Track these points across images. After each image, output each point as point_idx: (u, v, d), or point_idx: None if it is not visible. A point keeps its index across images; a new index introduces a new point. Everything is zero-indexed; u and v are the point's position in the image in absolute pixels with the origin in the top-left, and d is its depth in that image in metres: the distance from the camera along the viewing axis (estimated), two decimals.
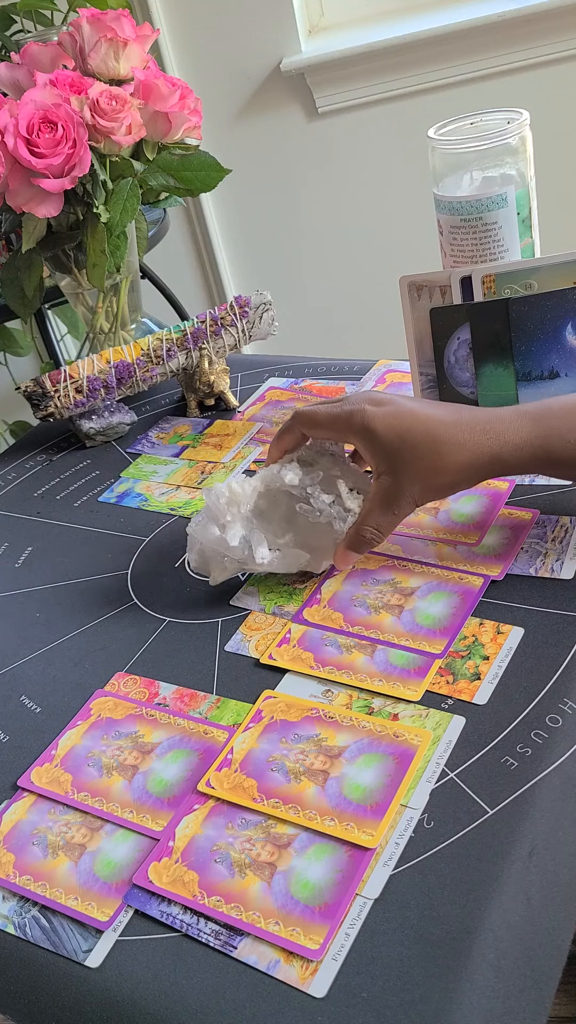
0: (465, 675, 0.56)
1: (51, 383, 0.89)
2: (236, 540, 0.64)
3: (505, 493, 0.70)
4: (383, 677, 0.58)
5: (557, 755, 0.51)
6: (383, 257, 1.95)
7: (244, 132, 1.90)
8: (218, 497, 0.65)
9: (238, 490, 0.66)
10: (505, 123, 0.77)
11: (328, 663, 0.60)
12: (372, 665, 0.59)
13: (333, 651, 0.60)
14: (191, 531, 0.66)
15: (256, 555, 0.64)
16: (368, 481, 0.67)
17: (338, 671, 0.59)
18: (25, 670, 0.66)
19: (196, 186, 0.94)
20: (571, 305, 0.70)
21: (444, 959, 0.43)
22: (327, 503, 0.65)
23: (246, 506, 0.66)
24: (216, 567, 0.66)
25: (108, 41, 0.88)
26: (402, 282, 0.73)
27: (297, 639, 0.62)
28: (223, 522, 0.65)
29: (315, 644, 0.61)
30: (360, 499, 0.66)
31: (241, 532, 0.65)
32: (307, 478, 0.66)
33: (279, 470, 0.66)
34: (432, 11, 1.80)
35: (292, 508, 0.66)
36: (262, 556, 0.64)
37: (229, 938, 0.46)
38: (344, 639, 0.61)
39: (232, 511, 0.65)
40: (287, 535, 0.66)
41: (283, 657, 0.61)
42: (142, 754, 0.57)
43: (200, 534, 0.65)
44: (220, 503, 0.65)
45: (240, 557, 0.65)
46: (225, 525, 0.65)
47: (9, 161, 0.82)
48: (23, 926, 0.49)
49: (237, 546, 0.64)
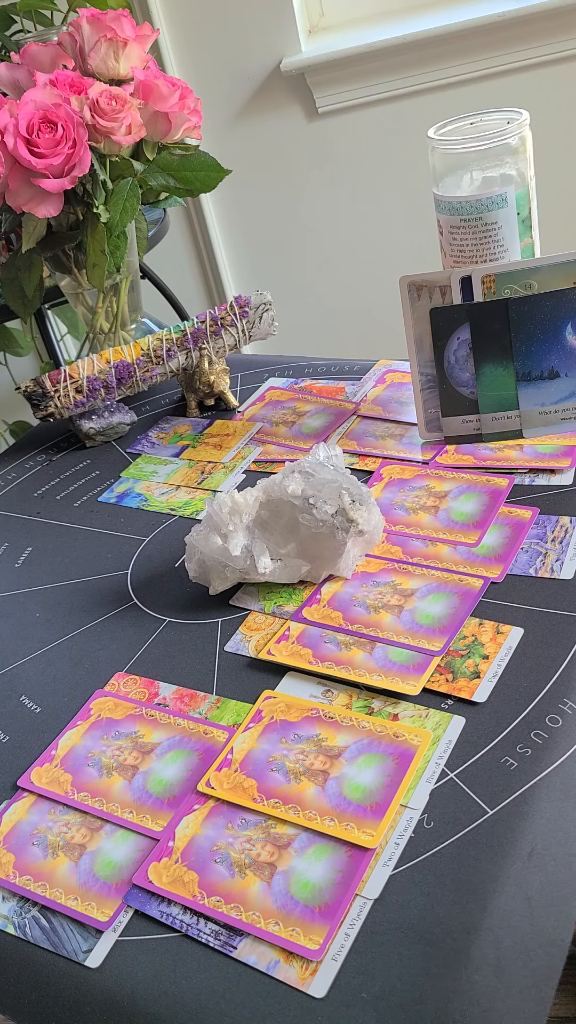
0: (464, 673, 0.56)
1: (51, 383, 0.89)
2: (238, 550, 0.65)
3: (505, 491, 0.70)
4: (382, 673, 0.58)
5: (557, 755, 0.51)
6: (383, 257, 1.95)
7: (244, 132, 1.90)
8: (220, 507, 0.65)
9: (240, 500, 0.66)
10: (505, 123, 0.77)
11: (327, 659, 0.60)
12: (371, 661, 0.59)
13: (332, 648, 0.60)
14: (191, 540, 0.66)
15: (259, 565, 0.65)
16: (369, 494, 0.67)
17: (337, 667, 0.59)
18: (25, 670, 0.66)
19: (196, 186, 0.94)
20: (571, 305, 0.70)
21: (444, 959, 0.43)
22: (330, 514, 0.65)
23: (248, 516, 0.66)
24: (216, 577, 0.66)
25: (108, 41, 0.88)
26: (402, 282, 0.73)
27: (296, 636, 0.62)
28: (225, 532, 0.65)
29: (314, 641, 0.61)
30: (362, 509, 0.66)
31: (243, 542, 0.65)
32: (309, 488, 0.66)
33: (281, 480, 0.66)
34: (432, 11, 1.80)
35: (294, 518, 0.66)
36: (264, 566, 0.65)
37: (229, 938, 0.46)
38: (343, 636, 0.61)
39: (235, 521, 0.65)
40: (289, 545, 0.66)
41: (282, 653, 0.61)
42: (142, 754, 0.57)
43: (201, 543, 0.65)
44: (223, 513, 0.65)
45: (242, 567, 0.65)
46: (227, 535, 0.65)
47: (9, 161, 0.82)
48: (23, 926, 0.49)
49: (239, 555, 0.65)
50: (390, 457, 0.78)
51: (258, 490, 0.67)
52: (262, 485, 0.67)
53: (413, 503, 0.72)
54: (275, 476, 0.67)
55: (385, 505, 0.72)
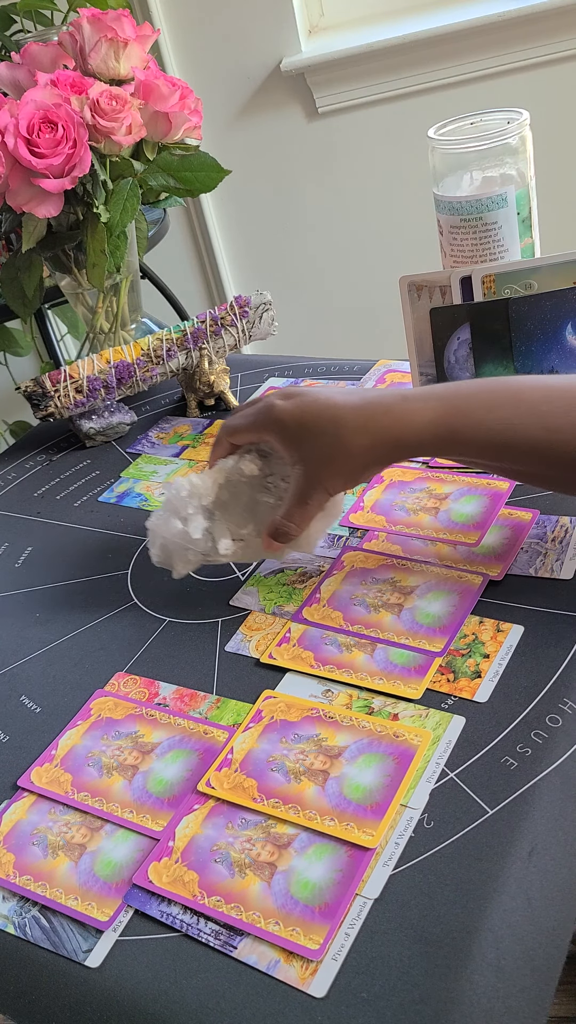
0: (466, 673, 0.56)
1: (51, 383, 0.89)
2: (199, 533, 0.64)
3: (505, 493, 0.71)
4: (383, 675, 0.58)
5: (557, 755, 0.51)
6: (383, 257, 1.95)
7: (244, 132, 1.90)
8: (179, 490, 0.65)
9: (199, 483, 0.66)
10: (505, 123, 0.77)
11: (328, 662, 0.60)
12: (372, 664, 0.59)
13: (333, 650, 0.60)
14: (151, 526, 0.66)
15: (219, 546, 0.65)
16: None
17: (338, 670, 0.59)
18: (25, 670, 0.66)
19: (196, 186, 0.94)
20: (571, 305, 0.70)
21: (444, 959, 0.43)
22: (287, 491, 0.64)
23: (207, 498, 0.66)
24: (179, 560, 0.66)
25: (108, 41, 0.88)
26: (402, 282, 0.73)
27: (297, 638, 0.62)
28: (185, 515, 0.65)
29: (315, 643, 0.61)
30: None
31: (204, 524, 0.65)
32: (266, 468, 0.66)
33: (238, 461, 0.66)
34: (432, 11, 1.80)
35: (253, 499, 0.66)
36: (225, 547, 0.65)
37: (229, 938, 0.46)
38: (344, 638, 0.61)
39: (194, 504, 0.65)
40: (249, 525, 0.66)
41: (283, 656, 0.61)
42: (142, 754, 0.57)
43: (162, 528, 0.65)
44: (181, 496, 0.65)
45: (203, 549, 0.65)
46: (187, 518, 0.65)
47: (9, 161, 0.82)
48: (23, 926, 0.49)
49: (200, 538, 0.65)
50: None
51: (216, 472, 0.67)
52: (220, 467, 0.67)
53: (414, 504, 0.72)
54: (232, 457, 0.67)
55: (386, 506, 0.72)
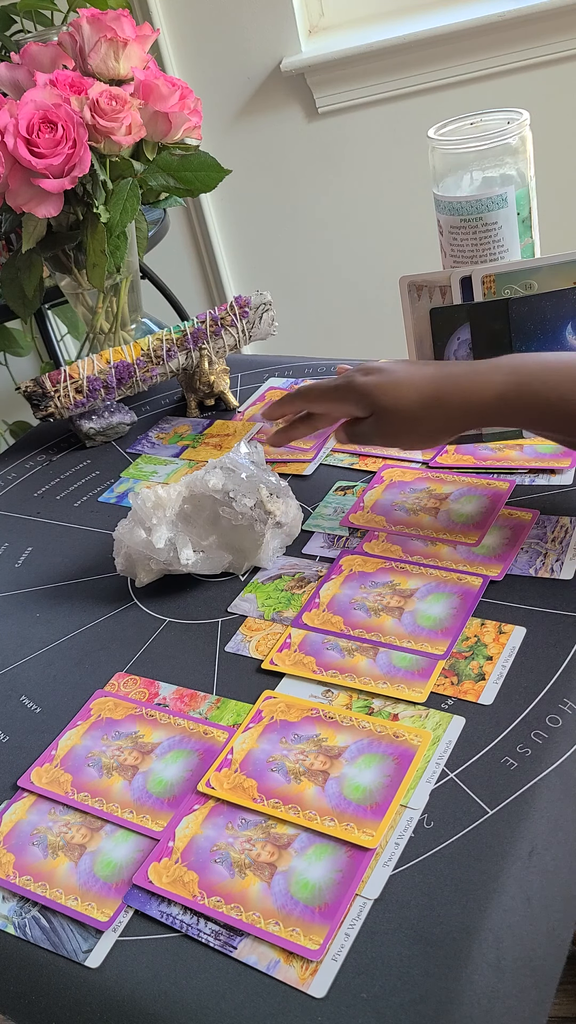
0: (470, 676, 0.56)
1: (51, 383, 0.89)
2: (162, 543, 0.67)
3: (505, 493, 0.71)
4: (387, 680, 0.58)
5: (557, 755, 0.51)
6: (383, 257, 1.95)
7: (244, 132, 1.90)
8: (144, 501, 0.68)
9: (164, 495, 0.68)
10: (505, 123, 0.77)
11: (331, 667, 0.60)
12: (375, 668, 0.59)
13: (335, 655, 0.60)
14: (117, 535, 0.69)
15: (181, 556, 0.67)
16: (287, 488, 0.71)
17: (341, 675, 0.59)
18: (25, 670, 0.66)
19: (196, 186, 0.94)
20: (571, 305, 0.70)
21: (444, 959, 0.43)
22: (248, 506, 0.67)
23: (171, 510, 0.68)
24: (142, 569, 0.69)
25: (108, 41, 0.88)
26: (402, 282, 0.73)
27: (298, 644, 0.62)
28: (149, 525, 0.67)
29: (316, 648, 0.61)
30: (279, 502, 0.69)
31: (167, 535, 0.67)
32: (229, 482, 0.68)
33: (203, 475, 0.69)
34: (432, 11, 1.80)
35: (216, 512, 0.69)
36: (187, 557, 0.67)
37: (229, 938, 0.46)
38: (346, 642, 0.61)
39: (158, 515, 0.68)
40: (211, 537, 0.69)
41: (285, 662, 0.61)
42: (142, 754, 0.57)
43: (127, 537, 0.68)
44: (147, 507, 0.68)
45: (165, 559, 0.67)
46: (151, 528, 0.67)
47: (9, 161, 0.82)
48: (23, 926, 0.49)
49: (163, 548, 0.67)
50: (390, 458, 0.78)
51: (181, 485, 0.69)
52: (185, 480, 0.70)
53: (414, 504, 0.72)
54: (198, 472, 0.70)
55: (386, 506, 0.72)
